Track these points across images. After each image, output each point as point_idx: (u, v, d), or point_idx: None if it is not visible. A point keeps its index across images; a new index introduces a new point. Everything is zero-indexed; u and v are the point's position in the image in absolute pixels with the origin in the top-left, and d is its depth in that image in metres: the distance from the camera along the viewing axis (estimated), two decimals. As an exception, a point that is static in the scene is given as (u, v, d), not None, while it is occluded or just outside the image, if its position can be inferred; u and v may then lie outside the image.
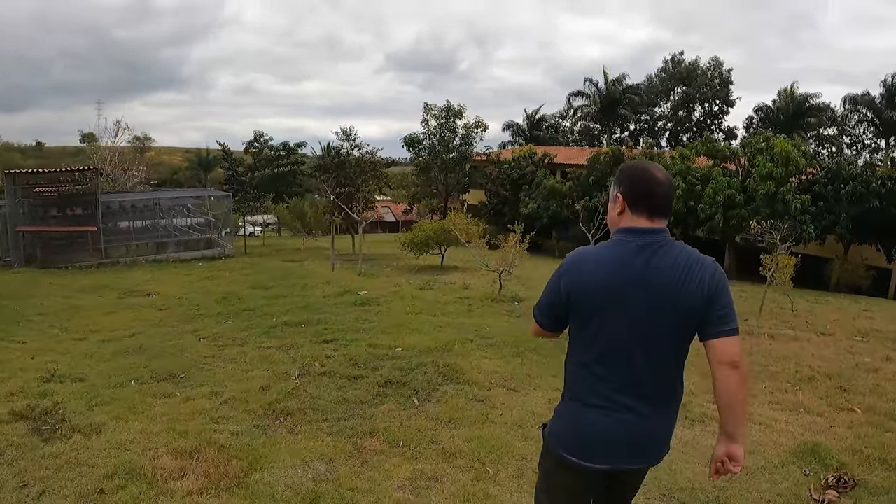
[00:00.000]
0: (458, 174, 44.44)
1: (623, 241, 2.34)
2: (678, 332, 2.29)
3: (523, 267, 23.77)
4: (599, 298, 2.30)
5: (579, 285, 2.34)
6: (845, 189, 26.25)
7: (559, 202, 33.44)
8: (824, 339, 12.01)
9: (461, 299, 15.37)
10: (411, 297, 15.15)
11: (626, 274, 2.27)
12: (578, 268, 2.37)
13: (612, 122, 52.93)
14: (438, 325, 10.94)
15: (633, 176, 2.41)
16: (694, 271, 2.25)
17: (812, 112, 42.26)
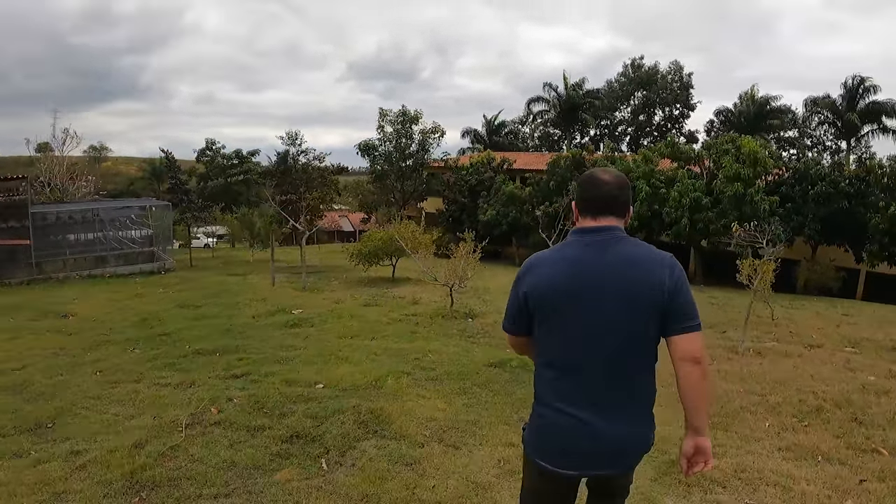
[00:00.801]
0: (415, 181, 42.99)
1: (571, 242, 2.39)
2: (638, 330, 2.25)
3: (480, 277, 22.27)
4: (554, 299, 2.31)
5: (535, 288, 2.34)
6: (814, 190, 25.66)
7: (518, 208, 32.05)
8: (816, 354, 10.67)
9: (408, 317, 13.74)
10: (350, 315, 13.44)
11: (578, 272, 2.27)
12: (532, 271, 2.39)
13: (573, 127, 51.98)
14: (374, 353, 9.24)
15: (581, 182, 2.51)
16: (652, 268, 2.23)
17: (773, 114, 42.08)
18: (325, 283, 23.26)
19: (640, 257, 2.27)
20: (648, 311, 2.21)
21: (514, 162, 37.83)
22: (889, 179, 25.11)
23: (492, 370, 7.87)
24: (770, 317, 14.30)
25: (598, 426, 2.26)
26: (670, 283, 2.21)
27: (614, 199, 2.38)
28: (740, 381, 8.10)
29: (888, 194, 25.18)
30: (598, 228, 2.33)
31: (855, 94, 38.44)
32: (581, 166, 30.82)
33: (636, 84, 52.11)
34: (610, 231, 2.32)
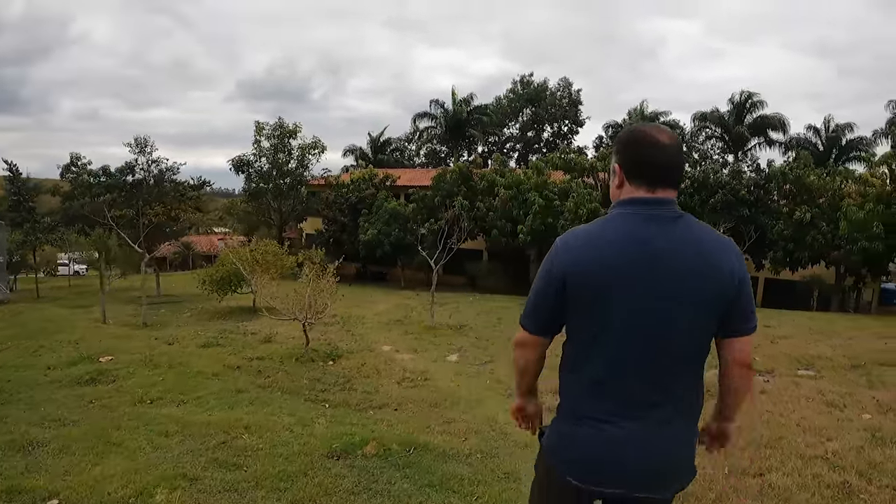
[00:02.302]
0: (294, 200, 39.72)
1: (623, 214, 1.93)
2: (700, 326, 1.89)
3: (358, 304, 19.69)
4: (603, 282, 1.85)
5: (577, 265, 1.88)
6: (714, 198, 24.95)
7: (402, 226, 29.59)
8: (778, 385, 8.91)
9: (250, 362, 11.00)
10: (169, 365, 10.48)
11: (633, 250, 1.84)
12: (572, 246, 1.92)
13: (460, 143, 50.21)
14: (165, 433, 6.39)
15: (629, 142, 2.00)
16: (722, 254, 1.88)
17: (663, 128, 41.02)
18: (175, 316, 20.14)
19: (709, 240, 1.89)
20: (716, 305, 1.86)
21: (398, 178, 35.40)
22: (791, 185, 24.79)
23: (332, 466, 5.21)
24: None
25: (653, 438, 1.89)
26: (738, 274, 1.88)
27: (676, 165, 1.98)
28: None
29: (790, 200, 24.91)
30: (658, 200, 1.90)
31: (742, 108, 38.83)
32: (468, 180, 28.90)
33: (525, 100, 51.05)
34: (670, 204, 1.91)
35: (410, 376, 9.91)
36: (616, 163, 2.01)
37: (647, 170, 1.91)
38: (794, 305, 23.70)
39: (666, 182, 1.92)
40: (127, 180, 28.28)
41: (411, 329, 14.81)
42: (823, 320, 18.10)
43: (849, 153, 35.47)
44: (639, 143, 1.96)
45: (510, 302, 21.64)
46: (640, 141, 1.96)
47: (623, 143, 2.01)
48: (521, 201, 26.39)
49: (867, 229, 21.99)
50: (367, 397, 8.47)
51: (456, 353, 12.13)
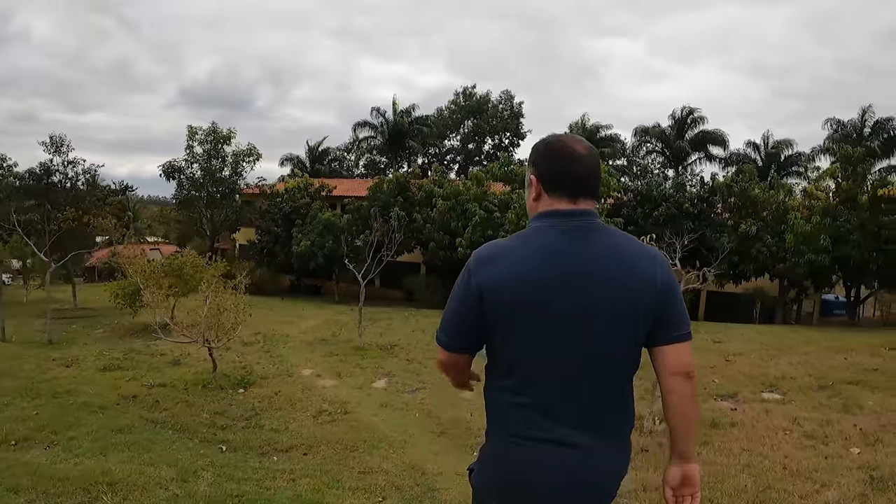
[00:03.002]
0: (227, 210, 38.01)
1: (542, 228, 1.85)
2: (625, 338, 1.80)
3: (288, 319, 18.45)
4: (523, 298, 1.76)
5: (494, 281, 1.78)
6: (658, 211, 24.52)
7: (336, 238, 28.34)
8: (748, 413, 8.03)
9: (153, 389, 9.76)
10: (53, 394, 9.16)
11: (554, 266, 1.77)
12: (491, 262, 1.82)
13: (400, 154, 49.21)
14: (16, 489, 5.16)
15: (546, 152, 1.93)
16: (645, 263, 1.83)
17: (605, 142, 41.65)
18: (87, 332, 18.55)
19: (629, 250, 1.83)
20: (639, 315, 1.78)
21: (335, 188, 34.15)
22: (736, 198, 24.59)
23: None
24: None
25: (583, 458, 1.79)
26: (663, 282, 1.81)
27: (595, 176, 1.91)
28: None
29: (735, 213, 24.70)
30: (578, 212, 1.84)
31: (683, 124, 39.13)
32: (405, 190, 27.87)
33: (467, 112, 50.38)
34: (591, 216, 1.86)
35: (329, 408, 8.82)
36: (532, 174, 1.92)
37: (566, 181, 1.85)
38: (737, 318, 23.55)
39: (585, 193, 1.86)
40: (42, 183, 26.22)
41: (337, 349, 13.65)
42: (772, 334, 17.76)
43: (788, 168, 36.08)
44: (556, 154, 1.89)
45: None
46: (557, 152, 1.90)
47: (540, 154, 1.93)
48: (460, 213, 25.55)
49: (814, 242, 21.98)
50: (273, 437, 7.34)
51: (384, 379, 11.04)
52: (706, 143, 39.12)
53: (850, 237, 22.23)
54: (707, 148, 39.44)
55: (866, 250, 22.18)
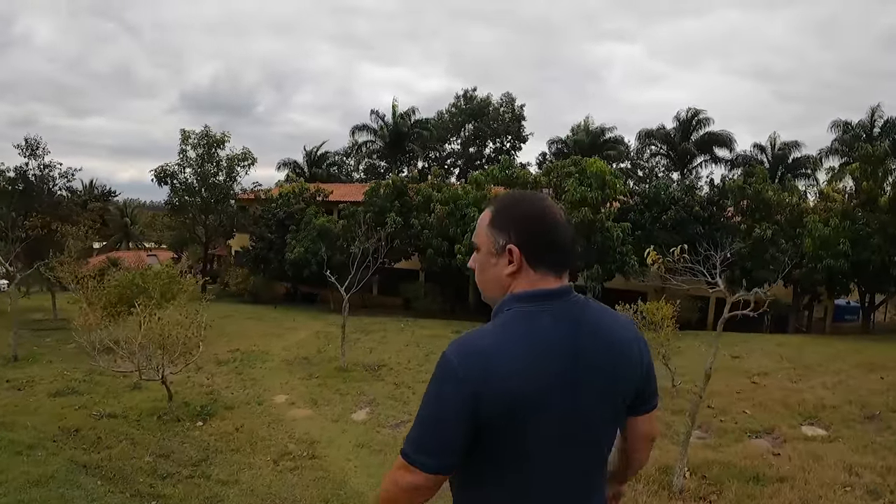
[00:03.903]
0: (222, 215, 36.84)
1: (531, 314, 1.56)
2: (617, 423, 1.73)
3: (276, 329, 17.18)
4: (523, 402, 1.50)
5: (492, 386, 1.47)
6: (667, 215, 23.24)
7: (331, 244, 27.10)
8: (794, 459, 6.80)
9: (102, 420, 8.64)
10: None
11: (552, 361, 1.53)
12: (484, 361, 1.49)
13: (400, 159, 48.03)
14: None
15: (531, 217, 1.63)
16: (630, 344, 1.67)
17: (610, 145, 40.51)
18: (59, 346, 17.28)
19: (616, 331, 1.65)
20: (630, 396, 1.69)
21: (331, 193, 32.94)
22: (749, 201, 23.30)
23: None
24: (671, 384, 10.47)
25: None
26: (644, 363, 1.71)
27: (574, 246, 1.78)
28: None
29: (747, 216, 23.45)
30: (564, 291, 1.62)
31: (688, 125, 38.02)
32: (403, 195, 26.57)
33: (467, 115, 49.07)
34: (575, 294, 1.65)
35: (294, 450, 7.53)
36: (512, 243, 1.59)
37: (553, 254, 1.61)
38: (747, 327, 22.26)
39: (568, 266, 1.65)
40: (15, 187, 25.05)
41: (319, 370, 12.30)
42: (790, 345, 16.58)
43: (795, 171, 34.94)
44: (542, 220, 1.62)
45: (444, 328, 19.45)
46: (542, 218, 1.62)
47: (521, 218, 1.62)
48: (459, 217, 24.29)
49: (832, 246, 20.70)
50: (219, 493, 6.05)
51: (365, 408, 9.69)
52: (712, 145, 37.98)
53: (870, 240, 21.02)
54: (712, 150, 38.32)
55: (886, 254, 21.04)
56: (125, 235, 53.30)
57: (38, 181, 25.89)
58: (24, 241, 17.27)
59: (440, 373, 1.51)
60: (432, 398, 1.53)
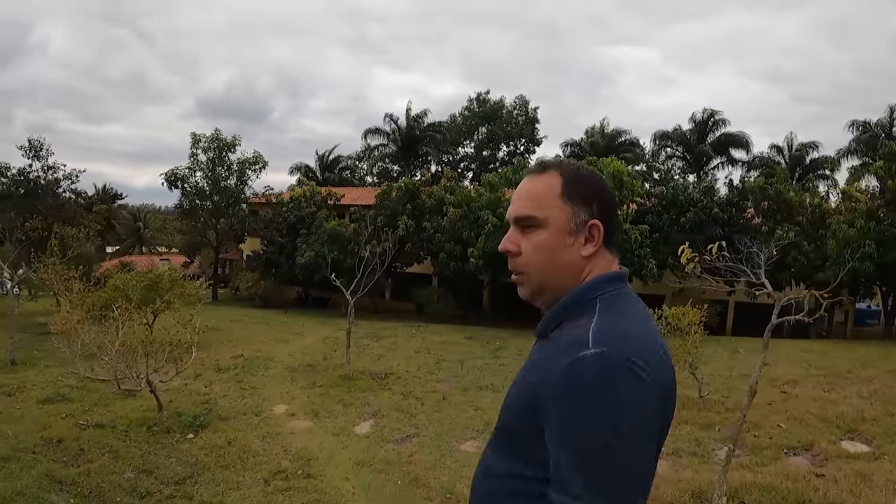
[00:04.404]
0: (233, 219, 36.45)
1: (632, 296, 1.34)
2: None
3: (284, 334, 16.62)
4: (673, 395, 1.26)
5: (668, 384, 1.23)
6: (685, 217, 22.60)
7: (341, 248, 26.54)
8: (840, 479, 6.09)
9: (88, 430, 8.05)
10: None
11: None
12: (653, 355, 1.18)
13: (413, 162, 47.55)
14: None
15: (605, 187, 1.40)
16: None
17: (625, 147, 39.84)
18: (61, 350, 16.76)
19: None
20: None
21: (342, 197, 32.47)
22: (770, 202, 22.60)
23: None
24: (698, 395, 9.79)
25: None
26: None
27: None
28: None
29: (768, 217, 22.75)
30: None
31: (705, 126, 37.43)
32: (415, 198, 26.00)
33: (480, 118, 48.51)
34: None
35: (288, 467, 6.91)
36: (594, 217, 1.32)
37: (619, 231, 1.12)
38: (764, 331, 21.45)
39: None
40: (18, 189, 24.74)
41: (323, 378, 11.65)
42: (816, 351, 15.88)
43: (813, 171, 34.08)
44: (611, 195, 1.39)
45: (455, 334, 18.80)
46: (609, 192, 1.39)
47: (601, 189, 1.36)
48: (472, 221, 23.64)
49: (858, 248, 19.87)
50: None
51: (369, 421, 9.03)
52: (728, 146, 37.35)
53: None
54: (729, 152, 37.67)
55: (913, 255, 20.12)
56: (138, 240, 53.24)
57: (41, 183, 25.54)
58: (24, 244, 16.86)
59: (621, 383, 1.10)
60: (621, 424, 1.10)
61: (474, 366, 13.36)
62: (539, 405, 1.17)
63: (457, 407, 9.74)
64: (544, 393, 1.16)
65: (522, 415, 1.22)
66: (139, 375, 8.50)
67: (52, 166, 26.39)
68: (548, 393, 1.15)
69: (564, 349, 1.17)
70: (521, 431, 1.23)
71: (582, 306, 1.26)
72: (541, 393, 1.17)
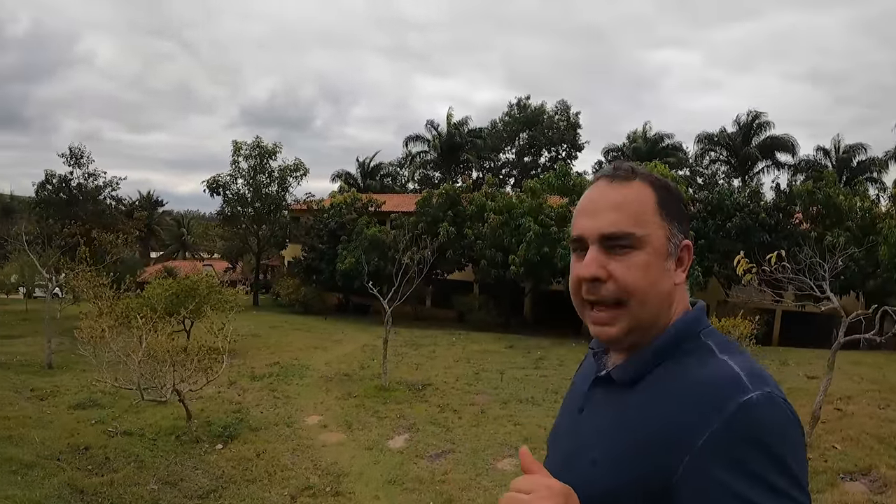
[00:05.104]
0: (274, 225, 36.64)
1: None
2: None
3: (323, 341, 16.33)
4: None
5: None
6: (731, 223, 21.76)
7: (381, 254, 26.33)
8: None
9: (115, 437, 7.81)
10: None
11: None
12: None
13: (454, 168, 47.30)
14: None
15: (685, 203, 1.42)
16: None
17: (669, 152, 38.72)
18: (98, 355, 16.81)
19: None
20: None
21: (384, 203, 32.31)
22: (819, 206, 21.66)
23: None
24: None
25: None
26: None
27: None
28: None
29: (816, 223, 21.82)
30: None
31: (749, 129, 36.24)
32: (456, 204, 25.65)
33: (521, 124, 47.99)
34: None
35: (317, 483, 6.54)
36: (686, 238, 1.16)
37: None
38: (814, 342, 20.47)
39: None
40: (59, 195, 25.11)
41: (358, 388, 11.29)
42: (867, 364, 15.05)
43: (861, 174, 32.81)
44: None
45: (496, 343, 18.36)
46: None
47: (685, 205, 1.20)
48: (514, 227, 23.18)
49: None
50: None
51: (404, 435, 8.62)
52: (773, 149, 36.13)
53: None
54: (774, 155, 36.47)
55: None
56: (181, 245, 54.08)
57: (82, 189, 25.87)
58: (63, 250, 17.00)
59: (794, 423, 0.99)
60: (803, 457, 1.00)
61: (514, 377, 12.88)
62: (683, 466, 0.96)
63: (495, 421, 9.30)
64: (695, 450, 0.95)
65: (647, 484, 1.00)
66: (164, 386, 8.27)
67: (92, 173, 26.74)
68: (708, 449, 0.95)
69: (709, 397, 0.98)
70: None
71: (687, 343, 1.09)
72: (684, 451, 0.96)
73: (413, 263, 14.49)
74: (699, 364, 1.04)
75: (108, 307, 12.11)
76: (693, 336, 1.09)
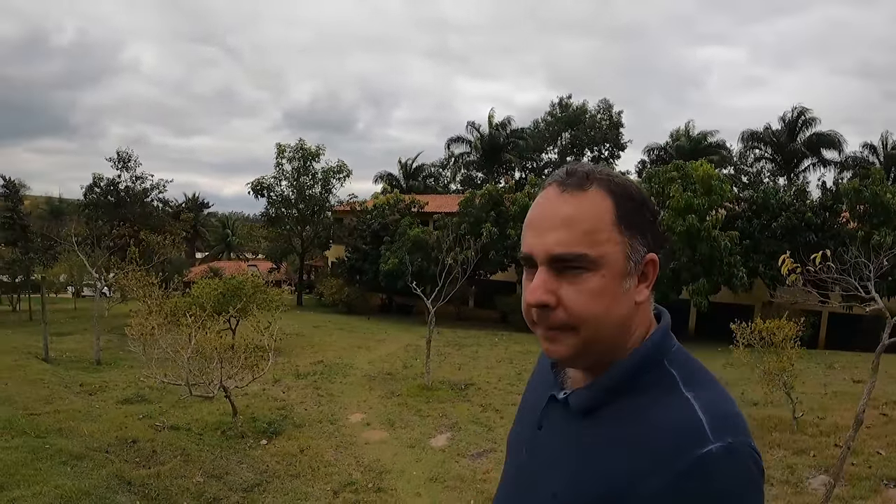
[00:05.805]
0: (318, 226, 37.01)
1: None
2: None
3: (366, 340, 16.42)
4: None
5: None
6: (777, 222, 21.25)
7: (425, 255, 26.37)
8: None
9: (163, 432, 7.97)
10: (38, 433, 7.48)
11: None
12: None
13: (496, 169, 47.16)
14: None
15: (652, 207, 1.09)
16: None
17: (712, 150, 37.87)
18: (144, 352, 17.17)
19: None
20: None
21: (426, 204, 32.35)
22: (867, 205, 20.86)
23: None
24: (792, 415, 8.95)
25: None
26: None
27: None
28: None
29: (863, 222, 20.97)
30: None
31: (794, 126, 35.39)
32: (499, 205, 25.55)
33: (564, 123, 47.54)
34: None
35: (360, 480, 6.55)
36: (650, 249, 1.03)
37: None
38: (861, 345, 19.78)
39: None
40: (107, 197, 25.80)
41: (401, 387, 11.31)
42: None
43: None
44: (657, 213, 1.11)
45: (538, 344, 17.89)
46: (657, 210, 1.11)
47: (652, 211, 1.06)
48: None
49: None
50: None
51: (446, 433, 8.60)
52: (819, 146, 35.12)
53: None
54: (820, 152, 35.45)
55: None
56: (226, 246, 54.95)
57: (129, 192, 26.53)
58: (112, 250, 17.47)
59: (755, 480, 0.90)
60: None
61: (556, 377, 12.76)
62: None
63: (538, 421, 9.21)
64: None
65: None
66: (211, 382, 8.37)
67: (140, 176, 27.41)
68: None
69: (664, 446, 0.89)
70: None
71: (649, 373, 0.98)
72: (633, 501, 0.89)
73: (456, 264, 14.47)
74: (658, 404, 0.95)
75: (157, 306, 12.32)
76: (656, 364, 0.99)
